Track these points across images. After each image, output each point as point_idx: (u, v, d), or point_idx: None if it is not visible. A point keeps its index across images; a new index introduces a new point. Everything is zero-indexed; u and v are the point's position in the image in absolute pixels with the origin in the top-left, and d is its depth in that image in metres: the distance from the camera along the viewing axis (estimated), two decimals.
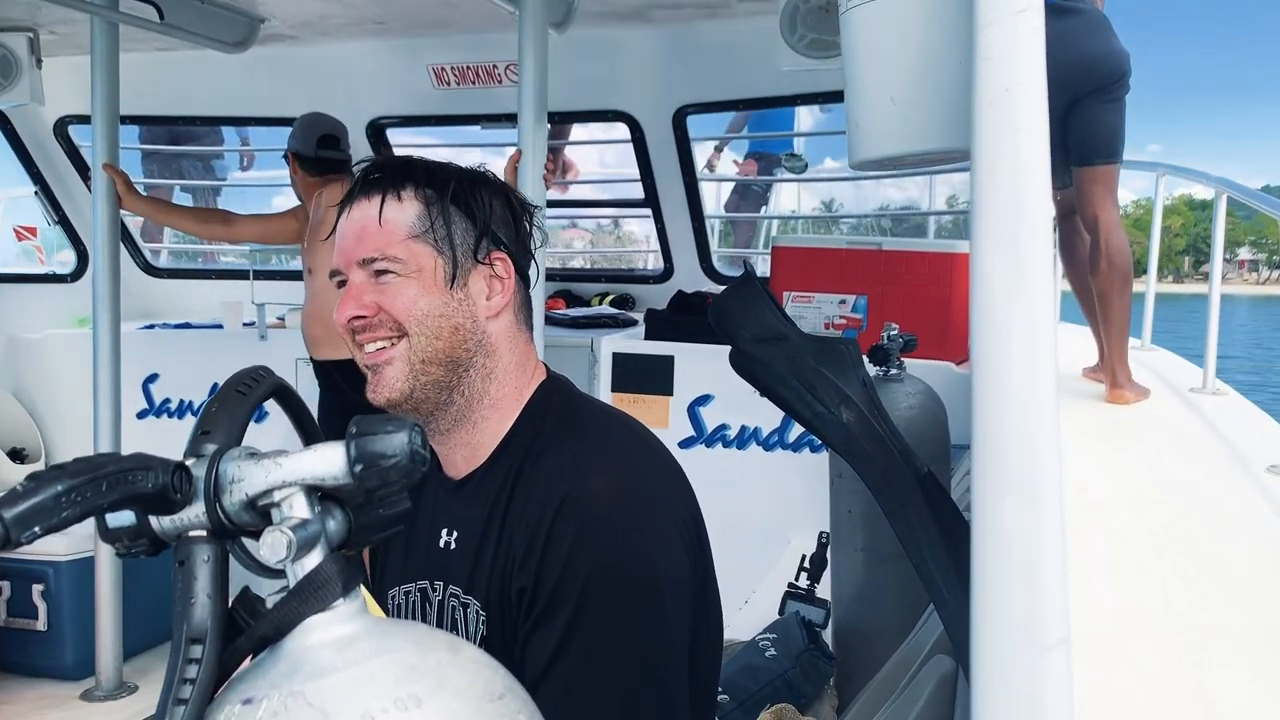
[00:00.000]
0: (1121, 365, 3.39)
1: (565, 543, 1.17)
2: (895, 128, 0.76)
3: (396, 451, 0.62)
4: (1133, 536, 2.12)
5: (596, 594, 1.15)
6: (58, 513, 0.55)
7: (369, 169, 1.32)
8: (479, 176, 1.35)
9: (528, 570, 1.19)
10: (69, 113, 5.06)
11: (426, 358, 1.27)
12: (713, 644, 1.36)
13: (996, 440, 0.47)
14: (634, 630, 1.16)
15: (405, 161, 1.33)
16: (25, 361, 5.16)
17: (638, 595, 1.18)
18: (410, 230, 1.27)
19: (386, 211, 1.28)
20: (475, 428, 1.32)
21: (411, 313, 1.26)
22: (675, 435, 3.95)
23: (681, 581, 1.23)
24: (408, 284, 1.27)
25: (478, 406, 1.31)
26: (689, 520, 1.29)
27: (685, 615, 1.23)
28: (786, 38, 3.26)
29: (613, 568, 1.17)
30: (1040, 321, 0.47)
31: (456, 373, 1.29)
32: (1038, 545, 0.44)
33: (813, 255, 4.02)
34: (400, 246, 1.27)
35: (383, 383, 1.28)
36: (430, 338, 1.27)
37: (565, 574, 1.16)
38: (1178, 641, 1.66)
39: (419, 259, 1.27)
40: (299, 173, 3.96)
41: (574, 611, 1.15)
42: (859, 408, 1.32)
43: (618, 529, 1.19)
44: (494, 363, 1.32)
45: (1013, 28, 0.51)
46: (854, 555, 2.43)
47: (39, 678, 3.86)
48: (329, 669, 0.59)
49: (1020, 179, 0.49)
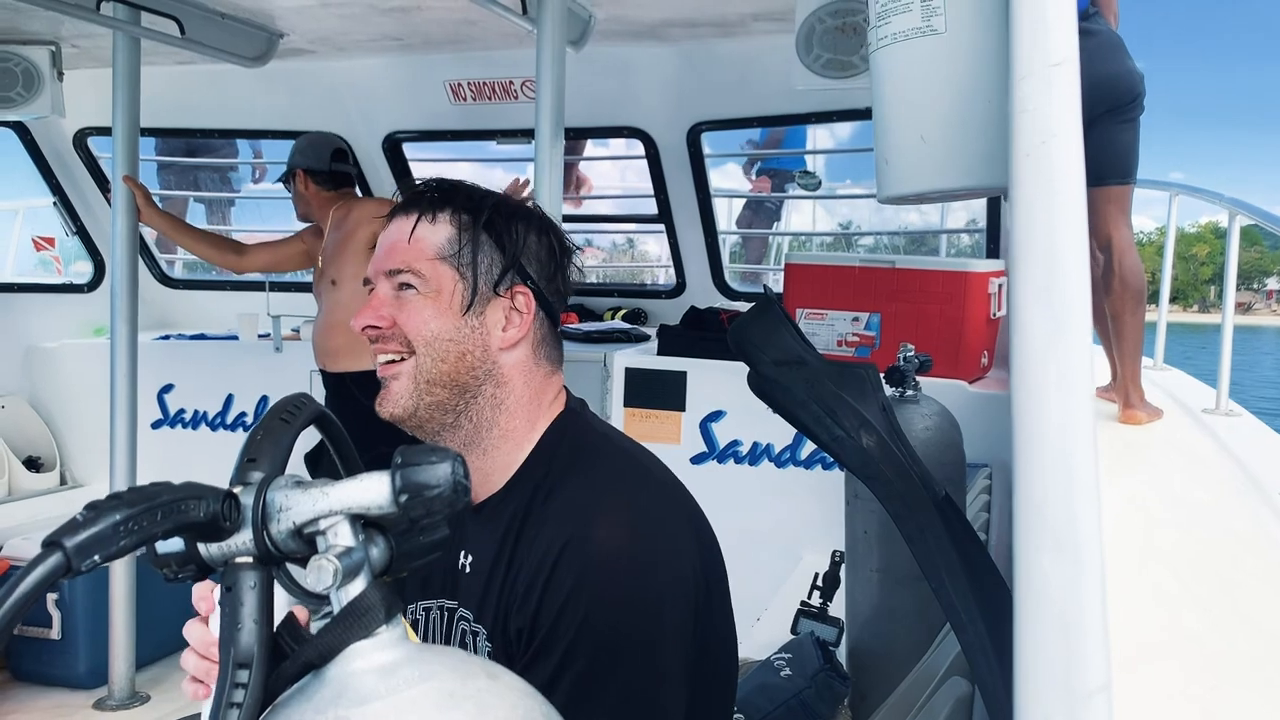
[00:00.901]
0: (1134, 385, 3.40)
1: (565, 587, 1.17)
2: (925, 165, 0.77)
3: (440, 482, 0.63)
4: (1144, 558, 2.13)
5: (590, 639, 1.15)
6: (116, 541, 0.56)
7: (416, 186, 1.35)
8: (519, 210, 1.36)
9: (526, 612, 1.19)
10: (89, 125, 5.10)
11: (431, 379, 1.28)
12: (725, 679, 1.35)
13: (1037, 491, 0.49)
14: (624, 679, 1.16)
15: (451, 185, 1.35)
16: (42, 370, 5.19)
17: (630, 644, 1.17)
18: (438, 251, 1.30)
19: (419, 229, 1.30)
20: (486, 455, 1.33)
21: (421, 332, 1.28)
22: (687, 451, 3.96)
23: (680, 629, 1.21)
24: (425, 303, 1.29)
25: (486, 435, 1.32)
26: (697, 567, 1.27)
27: (681, 666, 1.21)
28: (802, 57, 3.28)
29: (610, 613, 1.16)
30: (1078, 373, 0.48)
31: (464, 398, 1.30)
32: (1078, 593, 0.46)
33: (826, 273, 4.03)
34: (425, 264, 1.29)
35: (389, 397, 1.30)
36: (436, 360, 1.28)
37: (560, 618, 1.16)
38: (1190, 664, 1.66)
39: (440, 280, 1.29)
40: (311, 188, 3.96)
41: (565, 653, 1.15)
42: (879, 433, 1.33)
43: (618, 578, 1.18)
44: (504, 393, 1.32)
45: (1048, 81, 0.53)
46: (869, 576, 2.44)
47: (52, 686, 3.88)
48: (373, 695, 0.60)
49: (1057, 229, 0.51)
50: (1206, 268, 49.88)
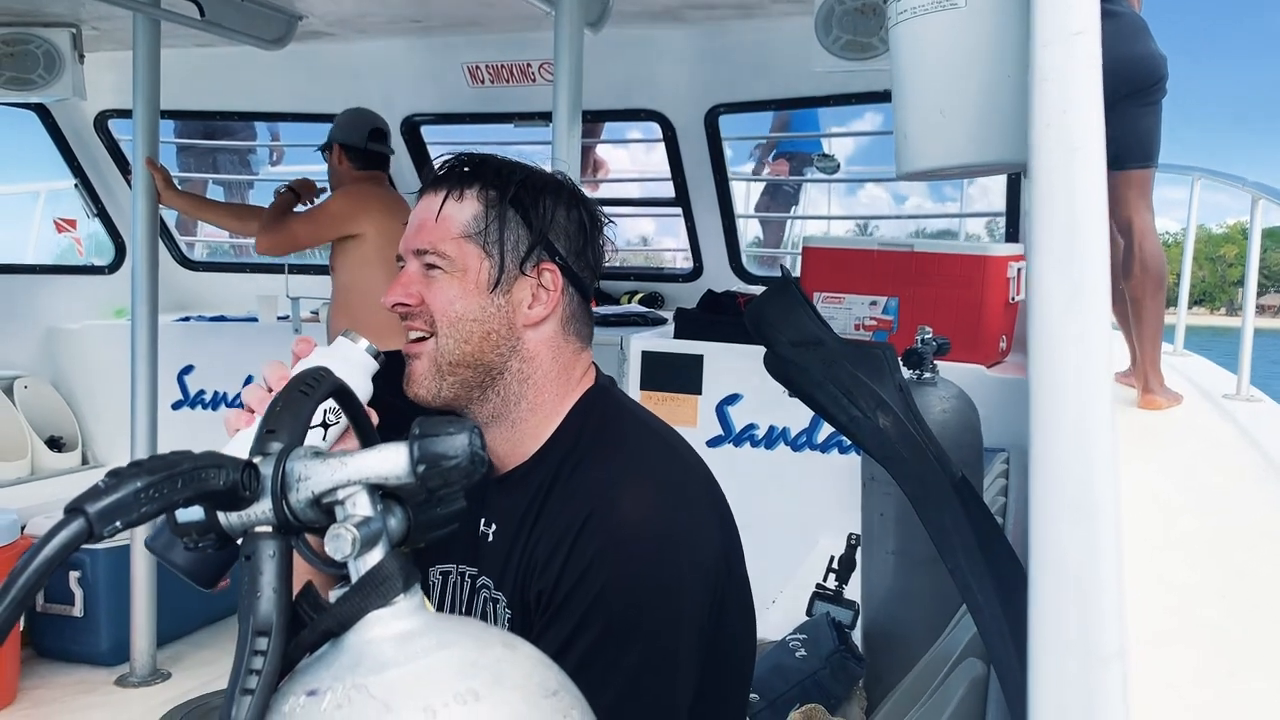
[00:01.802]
0: (1154, 370, 3.38)
1: (586, 557, 1.17)
2: (944, 139, 0.77)
3: (458, 453, 0.63)
4: (1163, 543, 2.12)
5: (606, 610, 1.15)
6: (137, 508, 0.57)
7: (445, 162, 1.34)
8: (548, 183, 1.35)
9: (547, 578, 1.20)
10: (109, 107, 5.12)
11: (454, 360, 1.28)
12: (740, 663, 1.36)
13: (1053, 454, 0.48)
14: (637, 652, 1.16)
15: (480, 160, 1.34)
16: (63, 352, 5.24)
17: (650, 614, 1.18)
18: (464, 230, 1.29)
19: (446, 208, 1.30)
20: (514, 427, 1.33)
21: (447, 312, 1.28)
22: (703, 434, 3.96)
23: (698, 608, 1.22)
24: (451, 282, 1.28)
25: (515, 408, 1.32)
26: (718, 545, 1.28)
27: (698, 643, 1.22)
28: (821, 39, 3.27)
29: (630, 584, 1.17)
30: (1095, 342, 0.48)
31: (490, 375, 1.30)
32: (1094, 557, 0.46)
33: (844, 256, 4.02)
34: (451, 244, 1.28)
35: (413, 376, 1.30)
36: (459, 341, 1.28)
37: (581, 583, 1.17)
38: (1209, 649, 1.65)
39: (466, 259, 1.29)
40: (344, 164, 3.93)
41: (580, 621, 1.15)
42: (895, 413, 1.32)
43: (641, 551, 1.19)
44: (531, 368, 1.32)
45: (1069, 50, 0.52)
46: (885, 558, 2.44)
47: (75, 663, 3.93)
48: (391, 663, 0.61)
49: (1077, 200, 0.51)
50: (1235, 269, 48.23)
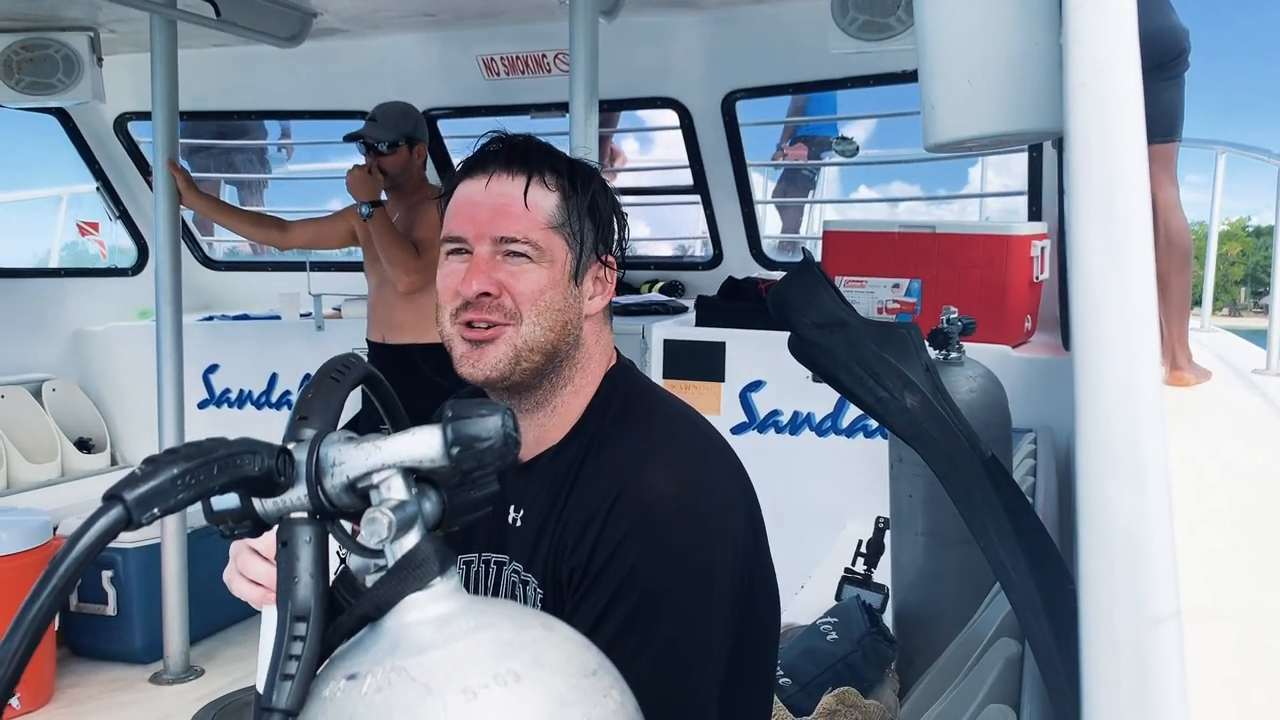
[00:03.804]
0: (1182, 347, 3.35)
1: (618, 532, 1.19)
2: (973, 109, 0.76)
3: (491, 434, 0.63)
4: (1195, 519, 2.10)
5: (638, 586, 1.17)
6: (174, 495, 0.57)
7: (499, 141, 1.33)
8: (600, 177, 1.38)
9: (580, 554, 1.21)
10: (129, 109, 5.15)
11: (534, 346, 1.28)
12: (767, 636, 1.37)
13: (1099, 412, 0.48)
14: (668, 627, 1.17)
15: (546, 147, 1.34)
16: (90, 353, 5.28)
17: (681, 589, 1.19)
18: (550, 219, 1.29)
19: (532, 194, 1.28)
20: (554, 412, 1.34)
21: (537, 301, 1.27)
22: (727, 421, 3.95)
23: (728, 582, 1.23)
24: (540, 271, 1.28)
25: (560, 393, 1.34)
26: (745, 519, 1.30)
27: (729, 617, 1.24)
28: (838, 20, 3.25)
29: (662, 559, 1.19)
30: (1140, 300, 0.48)
31: (554, 363, 1.31)
32: (1145, 519, 0.45)
33: (865, 239, 4.00)
34: (542, 233, 1.28)
35: (485, 359, 1.28)
36: (544, 329, 1.28)
37: (614, 560, 1.18)
38: (1242, 624, 1.64)
39: (554, 249, 1.29)
40: (419, 159, 3.81)
41: (612, 598, 1.17)
42: (923, 392, 1.32)
43: (671, 526, 1.20)
44: (582, 355, 1.34)
45: (1102, 9, 0.51)
46: (915, 539, 2.43)
47: (109, 661, 3.97)
48: (429, 645, 0.61)
49: (1115, 161, 0.50)
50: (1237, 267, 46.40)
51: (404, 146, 3.73)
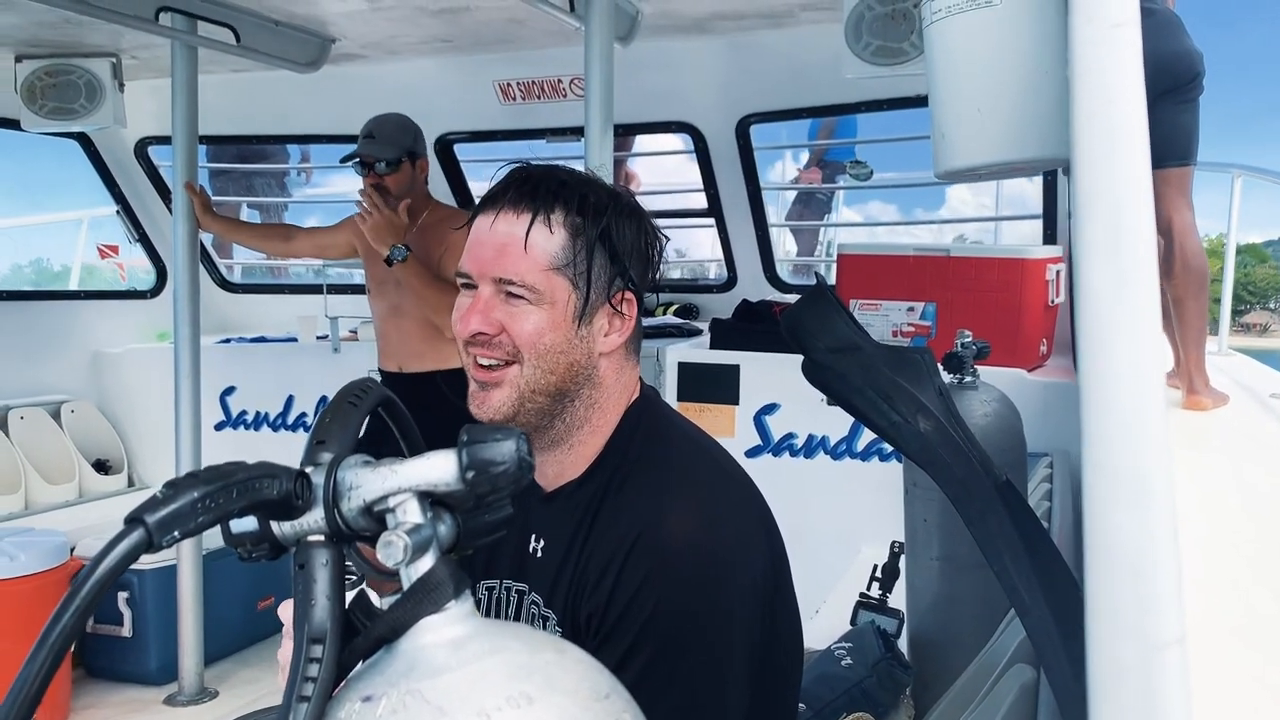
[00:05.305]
0: (1198, 371, 3.33)
1: (637, 577, 1.17)
2: (982, 138, 0.76)
3: (506, 459, 0.64)
4: (1213, 545, 2.09)
5: (658, 630, 1.15)
6: (194, 518, 0.58)
7: (513, 175, 1.29)
8: (620, 204, 1.32)
9: (597, 599, 1.20)
10: (149, 134, 5.22)
11: (537, 388, 1.27)
12: (788, 681, 1.35)
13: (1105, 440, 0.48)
14: (689, 671, 1.16)
15: (560, 181, 1.29)
16: (108, 375, 5.32)
17: (698, 637, 1.18)
18: (552, 261, 1.25)
19: (534, 235, 1.24)
20: (571, 450, 1.33)
21: (535, 344, 1.25)
22: (741, 444, 3.95)
23: (747, 630, 1.22)
24: (538, 314, 1.25)
25: (577, 432, 1.32)
26: (766, 558, 1.28)
27: (746, 661, 1.22)
28: (851, 45, 3.26)
29: (680, 605, 1.17)
30: (1145, 329, 0.48)
31: (562, 403, 1.29)
32: (1151, 545, 0.45)
33: (879, 263, 4.00)
34: (540, 276, 1.24)
35: (489, 402, 1.27)
36: (545, 371, 1.26)
37: (632, 605, 1.17)
38: (1266, 651, 1.62)
39: (555, 291, 1.25)
40: (423, 174, 3.63)
41: (633, 643, 1.15)
42: (936, 417, 1.32)
43: (690, 570, 1.19)
44: (599, 394, 1.31)
45: (1110, 41, 0.52)
46: (930, 564, 2.41)
47: (124, 682, 3.99)
48: (444, 668, 0.61)
49: (1121, 191, 0.50)
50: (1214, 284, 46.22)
51: (406, 163, 3.54)
